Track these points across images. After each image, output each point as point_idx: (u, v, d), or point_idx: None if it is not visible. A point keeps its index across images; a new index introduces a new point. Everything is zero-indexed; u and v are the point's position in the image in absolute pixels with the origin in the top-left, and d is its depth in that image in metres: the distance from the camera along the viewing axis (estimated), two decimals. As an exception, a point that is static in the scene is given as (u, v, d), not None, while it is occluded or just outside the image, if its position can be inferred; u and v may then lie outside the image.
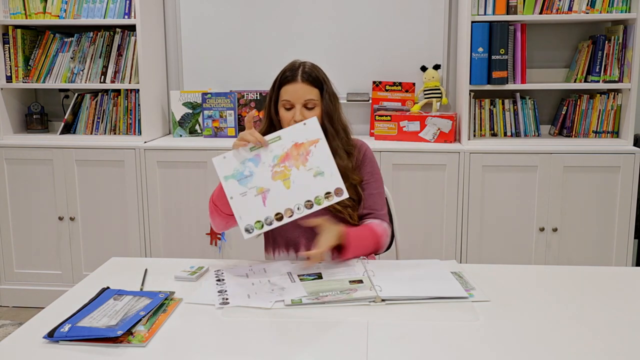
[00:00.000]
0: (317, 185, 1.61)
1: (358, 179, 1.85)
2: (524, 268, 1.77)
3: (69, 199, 3.14)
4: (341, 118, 1.88)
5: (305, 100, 1.79)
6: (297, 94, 1.78)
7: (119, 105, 3.25)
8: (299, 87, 1.79)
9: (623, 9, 2.88)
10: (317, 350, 1.24)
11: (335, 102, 1.86)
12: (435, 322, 1.35)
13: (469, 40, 2.93)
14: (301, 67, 1.81)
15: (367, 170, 1.88)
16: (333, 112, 1.83)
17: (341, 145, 1.84)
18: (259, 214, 1.60)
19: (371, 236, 1.78)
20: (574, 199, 2.91)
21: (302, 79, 1.79)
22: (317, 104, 1.81)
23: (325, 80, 1.84)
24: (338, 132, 1.85)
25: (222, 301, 1.47)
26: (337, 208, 1.79)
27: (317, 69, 1.84)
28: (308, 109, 1.79)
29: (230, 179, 1.63)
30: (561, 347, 1.24)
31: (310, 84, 1.80)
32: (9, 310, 3.24)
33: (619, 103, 3.00)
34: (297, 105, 1.78)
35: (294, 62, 1.85)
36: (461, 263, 1.77)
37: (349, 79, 3.31)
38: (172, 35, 3.40)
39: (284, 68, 1.84)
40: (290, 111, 1.79)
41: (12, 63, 3.20)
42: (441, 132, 3.02)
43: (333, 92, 1.86)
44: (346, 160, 1.82)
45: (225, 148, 2.97)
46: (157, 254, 3.11)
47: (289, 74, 1.80)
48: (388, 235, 1.85)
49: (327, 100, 1.82)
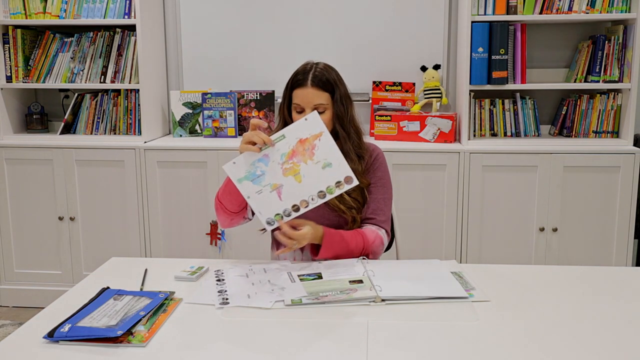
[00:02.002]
0: (327, 176, 1.65)
1: (365, 182, 1.85)
2: (524, 268, 1.77)
3: (69, 199, 3.14)
4: (354, 120, 1.88)
5: (314, 104, 1.79)
6: (306, 98, 1.79)
7: (119, 105, 3.25)
8: (308, 91, 1.79)
9: (623, 9, 2.88)
10: (317, 350, 1.24)
11: (348, 104, 1.86)
12: (435, 322, 1.35)
13: (469, 40, 2.93)
14: (312, 71, 1.81)
15: (376, 175, 1.89)
16: (345, 115, 1.83)
17: (352, 149, 1.85)
18: (277, 207, 1.66)
19: (356, 241, 1.78)
20: (574, 199, 2.91)
21: (312, 83, 1.79)
22: (328, 108, 1.81)
23: (337, 83, 1.83)
24: (349, 134, 1.85)
25: (222, 301, 1.47)
26: (342, 209, 1.81)
27: (329, 71, 1.83)
28: (319, 113, 1.79)
29: (243, 180, 1.67)
30: (561, 347, 1.24)
31: (320, 89, 1.79)
32: (9, 310, 3.24)
33: (619, 103, 3.00)
34: (307, 110, 1.79)
35: (306, 63, 1.85)
36: (461, 263, 1.77)
37: (349, 79, 3.21)
38: (172, 35, 3.40)
39: (297, 70, 1.84)
40: (302, 114, 1.80)
41: (12, 63, 3.20)
42: (441, 132, 3.02)
43: (346, 94, 1.86)
44: (357, 163, 1.83)
45: (226, 148, 3.00)
46: (157, 254, 3.11)
47: (300, 77, 1.81)
48: (382, 243, 1.84)
49: (338, 103, 1.82)
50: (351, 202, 1.82)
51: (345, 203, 1.82)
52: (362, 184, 1.83)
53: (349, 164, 1.73)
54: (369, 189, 1.87)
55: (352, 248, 1.77)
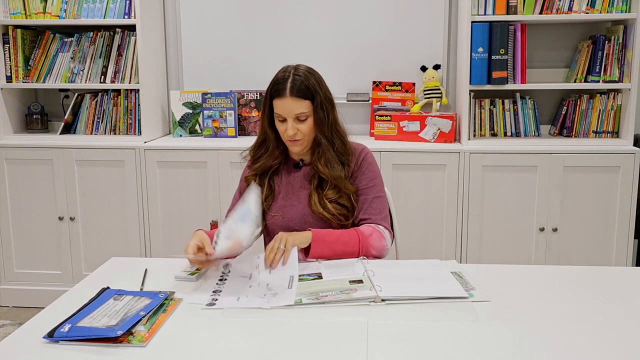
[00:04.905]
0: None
1: (352, 189, 1.84)
2: (523, 268, 1.77)
3: (69, 199, 3.14)
4: (337, 124, 1.85)
5: (295, 114, 1.77)
6: (286, 108, 1.76)
7: (119, 105, 3.25)
8: (288, 102, 1.76)
9: (623, 9, 2.88)
10: (317, 350, 1.24)
11: (329, 109, 1.82)
12: (435, 322, 1.35)
13: (469, 40, 2.93)
14: (290, 80, 1.76)
15: (365, 176, 1.86)
16: (326, 122, 1.80)
17: (335, 157, 1.83)
18: None
19: (349, 234, 1.75)
20: (574, 199, 2.91)
21: (291, 93, 1.75)
22: (309, 115, 1.79)
23: (316, 89, 1.78)
24: (333, 142, 1.83)
25: (210, 302, 1.47)
26: (326, 216, 1.80)
27: (307, 77, 1.78)
28: (300, 121, 1.78)
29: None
30: (561, 347, 1.24)
31: (300, 97, 1.76)
32: (9, 310, 3.24)
33: (619, 103, 3.00)
34: (289, 120, 1.77)
35: (284, 70, 1.80)
36: (461, 263, 1.77)
37: (349, 79, 3.31)
38: (172, 35, 3.40)
39: (275, 78, 1.80)
40: (284, 123, 1.78)
41: (12, 63, 3.20)
42: (441, 132, 3.02)
43: (327, 99, 1.81)
44: (339, 170, 1.82)
45: (225, 148, 2.99)
46: (157, 254, 3.11)
47: (278, 87, 1.77)
48: (383, 237, 1.81)
49: (318, 110, 1.79)
50: (333, 210, 1.80)
51: (330, 210, 1.80)
52: (348, 190, 1.82)
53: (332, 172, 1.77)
54: (359, 192, 1.85)
55: (346, 240, 1.74)
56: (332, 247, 1.72)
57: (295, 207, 1.86)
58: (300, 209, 1.85)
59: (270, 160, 1.88)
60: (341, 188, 1.82)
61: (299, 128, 1.77)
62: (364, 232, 1.78)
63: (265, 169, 1.89)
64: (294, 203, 1.86)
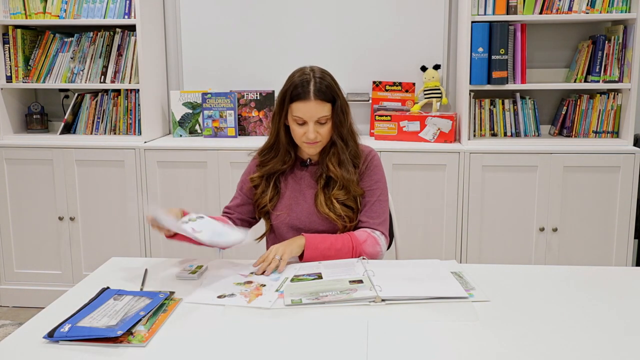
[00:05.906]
0: None
1: (359, 191, 1.84)
2: (524, 268, 1.77)
3: (69, 199, 3.14)
4: (351, 127, 1.86)
5: (318, 117, 1.76)
6: (309, 112, 1.74)
7: (119, 105, 3.24)
8: (312, 105, 1.74)
9: (623, 9, 2.88)
10: (317, 350, 1.24)
11: (346, 111, 1.83)
12: (435, 322, 1.35)
13: (469, 40, 2.93)
14: (313, 83, 1.75)
15: (371, 179, 1.87)
16: (344, 124, 1.81)
17: (349, 158, 1.83)
18: None
19: (342, 239, 1.76)
20: (574, 199, 2.91)
21: (315, 96, 1.74)
22: (329, 117, 1.79)
23: (336, 92, 1.79)
24: (347, 143, 1.84)
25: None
26: (332, 217, 1.80)
27: (327, 79, 1.78)
28: (321, 124, 1.77)
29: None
30: (561, 347, 1.24)
31: (323, 100, 1.75)
32: (9, 310, 3.24)
33: (619, 103, 3.00)
34: (310, 123, 1.75)
35: (303, 72, 1.78)
36: (461, 263, 1.77)
37: (349, 79, 3.31)
38: (172, 35, 3.40)
39: (294, 81, 1.77)
40: (303, 126, 1.77)
41: (12, 63, 3.20)
42: (441, 132, 3.02)
43: (344, 102, 1.82)
44: (351, 173, 1.82)
45: (225, 148, 2.99)
46: (157, 254, 3.11)
47: (301, 91, 1.74)
48: (378, 244, 1.81)
49: (338, 112, 1.79)
50: (340, 210, 1.80)
51: (335, 211, 1.80)
52: (355, 193, 1.82)
53: (343, 174, 1.78)
54: (363, 196, 1.85)
55: (339, 247, 1.74)
56: (325, 254, 1.73)
57: (302, 206, 1.86)
58: (306, 208, 1.85)
59: (279, 164, 1.87)
60: (350, 190, 1.82)
61: (318, 131, 1.77)
62: (358, 238, 1.78)
63: (272, 173, 1.89)
64: (300, 202, 1.87)
